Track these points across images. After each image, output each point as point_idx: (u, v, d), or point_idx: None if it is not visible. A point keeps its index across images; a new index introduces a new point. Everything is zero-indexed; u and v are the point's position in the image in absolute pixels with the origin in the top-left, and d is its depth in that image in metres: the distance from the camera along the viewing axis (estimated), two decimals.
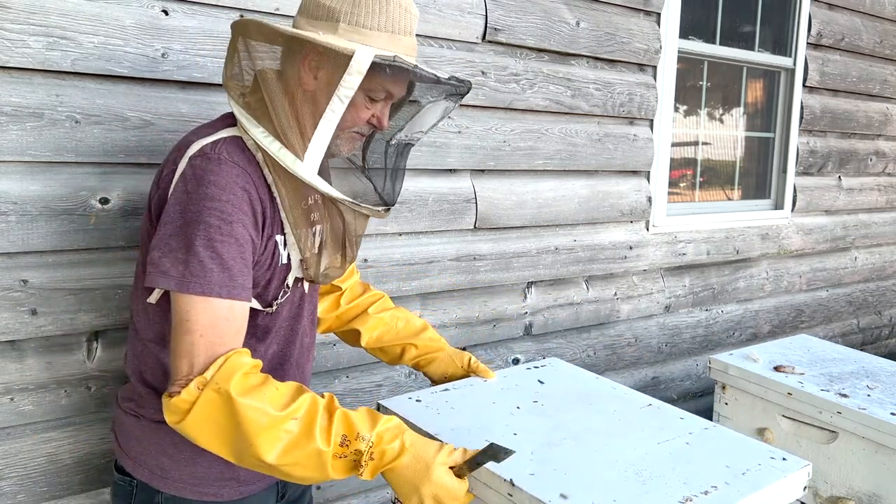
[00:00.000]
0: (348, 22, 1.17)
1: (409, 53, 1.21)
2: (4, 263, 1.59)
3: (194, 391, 1.06)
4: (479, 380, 1.57)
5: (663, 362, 3.13)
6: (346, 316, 1.64)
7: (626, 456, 1.23)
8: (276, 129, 1.17)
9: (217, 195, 1.12)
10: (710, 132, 3.39)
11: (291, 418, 1.08)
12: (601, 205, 2.75)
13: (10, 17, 1.52)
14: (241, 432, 1.06)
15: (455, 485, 1.14)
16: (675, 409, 1.46)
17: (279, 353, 1.35)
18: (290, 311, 1.35)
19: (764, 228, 3.44)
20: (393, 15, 1.18)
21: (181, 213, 1.12)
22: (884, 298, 4.20)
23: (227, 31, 1.80)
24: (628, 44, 2.71)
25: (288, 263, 1.29)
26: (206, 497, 1.29)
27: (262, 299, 1.27)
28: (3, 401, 1.62)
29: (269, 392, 1.09)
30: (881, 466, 1.79)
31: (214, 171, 1.14)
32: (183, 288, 1.09)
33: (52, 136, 1.60)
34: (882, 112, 3.92)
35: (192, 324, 1.09)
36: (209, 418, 1.07)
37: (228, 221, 1.12)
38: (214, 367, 1.07)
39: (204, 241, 1.10)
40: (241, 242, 1.14)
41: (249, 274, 1.17)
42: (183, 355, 1.09)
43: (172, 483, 1.28)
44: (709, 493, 1.12)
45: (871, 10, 3.69)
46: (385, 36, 1.18)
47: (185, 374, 1.08)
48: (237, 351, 1.11)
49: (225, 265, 1.11)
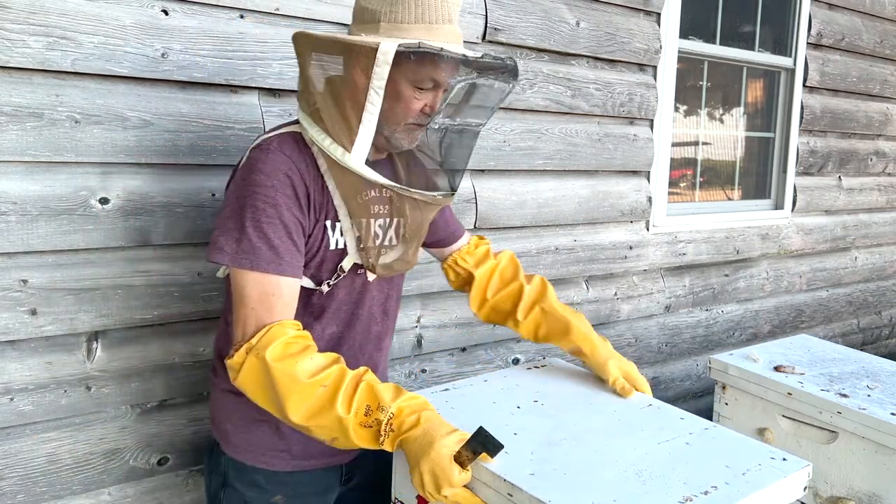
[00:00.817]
0: (388, 20, 1.24)
1: (448, 41, 1.25)
2: (4, 263, 1.59)
3: (243, 355, 1.20)
4: (479, 379, 1.57)
5: (663, 362, 3.13)
6: (500, 308, 1.67)
7: (626, 456, 1.23)
8: (326, 127, 1.28)
9: (263, 181, 1.25)
10: (710, 132, 3.39)
11: (320, 385, 1.17)
12: (601, 205, 2.75)
13: (10, 17, 1.52)
14: (276, 393, 1.18)
15: (448, 467, 1.14)
16: (675, 410, 1.46)
17: (337, 335, 1.42)
18: (350, 295, 1.42)
19: (764, 228, 3.44)
20: (428, 6, 1.24)
21: (235, 198, 1.27)
22: (884, 298, 4.20)
23: (227, 30, 1.81)
24: (628, 44, 2.71)
25: (342, 249, 1.37)
26: (259, 464, 1.41)
27: (315, 279, 1.37)
28: (3, 401, 1.62)
29: (303, 360, 1.19)
30: (881, 466, 1.79)
31: (262, 160, 1.27)
32: (235, 263, 1.24)
33: (52, 136, 1.60)
34: (882, 112, 3.92)
35: (245, 297, 1.23)
36: (253, 379, 1.21)
37: (273, 205, 1.24)
38: (259, 335, 1.20)
39: (252, 222, 1.23)
40: (286, 223, 1.25)
41: (297, 253, 1.27)
42: (238, 324, 1.24)
43: (233, 447, 1.43)
44: (709, 493, 1.12)
45: (871, 10, 3.69)
46: (423, 27, 1.24)
47: (239, 340, 1.23)
48: (281, 322, 1.23)
49: (271, 244, 1.23)
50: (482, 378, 1.57)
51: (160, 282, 1.78)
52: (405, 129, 1.31)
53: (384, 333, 1.52)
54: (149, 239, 1.75)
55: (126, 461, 1.81)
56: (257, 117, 1.87)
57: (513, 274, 1.66)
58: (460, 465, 1.16)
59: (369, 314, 1.46)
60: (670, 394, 3.17)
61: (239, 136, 1.84)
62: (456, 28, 1.28)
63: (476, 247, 1.68)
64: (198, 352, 1.86)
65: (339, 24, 2.00)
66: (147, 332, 1.79)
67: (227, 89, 1.84)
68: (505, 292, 1.65)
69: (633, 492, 1.12)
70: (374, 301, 1.47)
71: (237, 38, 1.82)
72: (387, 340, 1.54)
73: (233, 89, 1.85)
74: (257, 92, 1.88)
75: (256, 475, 1.42)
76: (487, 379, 1.56)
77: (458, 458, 1.16)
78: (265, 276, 1.23)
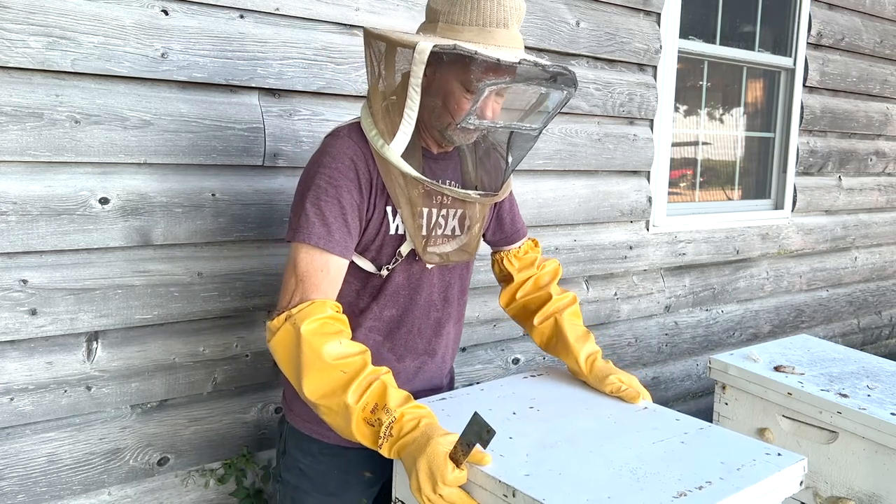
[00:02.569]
0: (445, 20, 1.29)
1: (501, 45, 1.27)
2: (4, 263, 1.59)
3: (282, 321, 1.26)
4: (475, 388, 1.57)
5: (663, 362, 3.13)
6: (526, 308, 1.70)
7: (621, 455, 1.24)
8: (375, 119, 1.35)
9: (328, 163, 1.33)
10: (710, 132, 3.39)
11: (340, 370, 1.21)
12: (601, 205, 2.75)
13: (10, 17, 1.52)
14: (299, 364, 1.23)
15: (443, 463, 1.13)
16: (671, 412, 1.46)
17: (396, 318, 1.46)
18: (409, 280, 1.46)
19: (764, 228, 3.44)
20: (484, 9, 1.26)
21: (305, 179, 1.36)
22: (884, 298, 4.20)
23: (227, 30, 1.81)
24: (628, 44, 2.71)
25: (401, 235, 1.41)
26: (314, 434, 1.46)
27: (376, 263, 1.42)
28: (3, 401, 1.62)
29: (332, 342, 1.23)
30: (881, 466, 1.79)
31: (331, 144, 1.36)
32: (290, 236, 1.32)
33: (52, 136, 1.60)
34: (882, 112, 3.92)
35: (295, 268, 1.30)
36: (285, 345, 1.25)
37: (334, 185, 1.31)
38: (300, 307, 1.25)
39: (313, 200, 1.31)
40: (342, 205, 1.31)
41: (348, 234, 1.33)
42: (285, 292, 1.30)
43: (294, 416, 1.49)
44: (703, 487, 1.13)
45: (871, 10, 3.69)
46: (475, 30, 1.27)
47: (282, 306, 1.29)
48: (324, 301, 1.27)
49: (325, 221, 1.30)
50: (479, 387, 1.57)
51: (160, 282, 1.78)
52: (458, 130, 1.34)
53: (444, 320, 1.54)
54: (149, 239, 1.75)
55: (126, 461, 1.81)
56: (257, 117, 1.87)
57: (547, 282, 1.70)
58: (455, 462, 1.15)
59: (428, 300, 1.50)
60: (670, 394, 3.17)
61: (239, 136, 1.84)
62: (512, 32, 1.29)
63: (525, 253, 1.73)
64: (198, 351, 1.87)
65: (339, 24, 2.00)
66: (147, 332, 1.79)
67: (227, 89, 1.84)
68: (533, 296, 1.69)
69: (627, 489, 1.12)
70: (434, 287, 1.50)
71: (237, 38, 1.82)
72: (449, 327, 1.56)
73: (233, 89, 1.85)
74: (257, 92, 1.89)
75: (311, 444, 1.47)
76: (484, 388, 1.56)
77: (454, 454, 1.15)
78: (316, 251, 1.29)
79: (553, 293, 1.67)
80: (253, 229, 1.89)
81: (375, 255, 1.42)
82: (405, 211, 1.38)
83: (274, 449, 2.03)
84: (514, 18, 1.29)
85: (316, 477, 1.47)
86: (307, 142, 1.95)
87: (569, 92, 1.36)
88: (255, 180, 1.89)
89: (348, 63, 2.01)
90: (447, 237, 1.47)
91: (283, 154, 1.92)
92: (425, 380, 1.55)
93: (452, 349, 1.62)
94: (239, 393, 1.97)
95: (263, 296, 1.93)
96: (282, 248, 1.96)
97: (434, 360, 1.55)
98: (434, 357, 1.55)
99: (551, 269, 1.73)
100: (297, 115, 1.94)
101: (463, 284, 1.59)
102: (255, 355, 1.97)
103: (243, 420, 1.98)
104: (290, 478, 1.50)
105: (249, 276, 1.90)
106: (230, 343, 1.92)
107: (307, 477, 1.47)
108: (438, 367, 1.57)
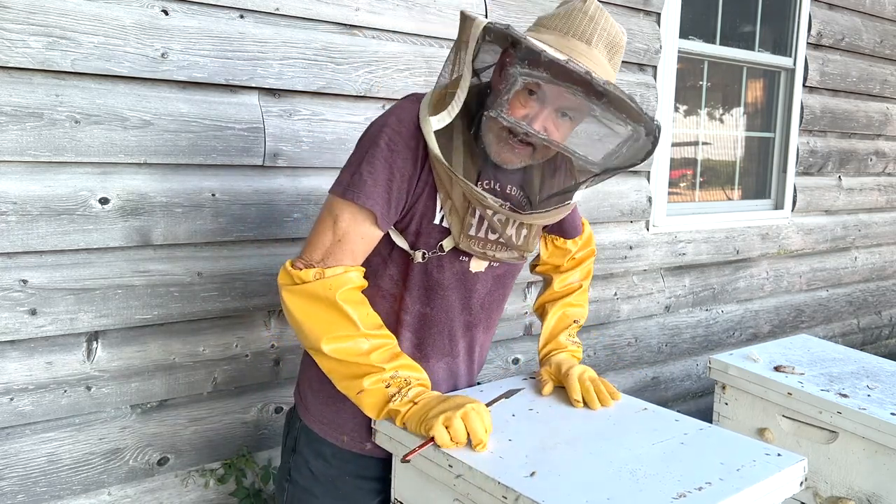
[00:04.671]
0: (537, 24, 1.27)
1: (573, 54, 1.19)
2: (4, 263, 1.59)
3: (311, 276, 1.25)
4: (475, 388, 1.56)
5: (663, 362, 3.13)
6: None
7: (620, 456, 1.23)
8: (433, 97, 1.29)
9: (392, 123, 1.27)
10: (710, 132, 3.39)
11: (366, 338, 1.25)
12: (601, 205, 2.75)
13: (10, 17, 1.52)
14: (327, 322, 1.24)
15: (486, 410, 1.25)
16: (670, 413, 1.46)
17: (422, 314, 1.41)
18: (447, 278, 1.39)
19: (764, 228, 3.44)
20: (574, 20, 1.22)
21: (368, 135, 1.30)
22: (884, 298, 4.20)
23: (227, 30, 1.81)
24: (628, 44, 2.70)
25: (446, 228, 1.34)
26: (328, 437, 1.43)
27: (414, 248, 1.36)
28: (3, 401, 1.62)
29: (364, 310, 1.27)
30: (881, 466, 1.79)
31: (401, 105, 1.31)
32: (338, 190, 1.28)
33: (52, 136, 1.60)
34: (882, 112, 3.92)
35: (335, 224, 1.27)
36: (307, 298, 1.25)
37: (392, 150, 1.26)
38: (334, 271, 1.25)
39: (370, 159, 1.26)
40: (393, 172, 1.26)
41: (388, 202, 1.27)
42: (318, 244, 1.28)
43: (309, 415, 1.45)
44: (703, 488, 1.13)
45: (871, 10, 3.69)
46: (555, 35, 1.22)
47: (314, 259, 1.27)
48: (356, 268, 1.29)
49: (377, 185, 1.25)
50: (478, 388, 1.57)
51: (160, 282, 1.78)
52: (499, 136, 1.25)
53: (473, 324, 1.48)
54: (149, 239, 1.75)
55: (126, 461, 1.81)
56: (257, 117, 1.87)
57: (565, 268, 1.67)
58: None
59: (463, 303, 1.43)
60: (670, 394, 3.18)
61: (239, 136, 1.84)
62: (594, 52, 1.21)
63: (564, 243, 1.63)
64: (197, 351, 1.87)
65: (339, 24, 2.00)
66: (147, 332, 1.79)
67: (227, 89, 1.84)
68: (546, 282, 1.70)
69: (627, 490, 1.12)
70: (477, 294, 1.44)
71: (237, 38, 1.82)
72: (478, 332, 1.50)
73: (233, 89, 1.85)
74: (257, 92, 1.88)
75: (324, 447, 1.43)
76: (484, 389, 1.56)
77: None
78: (360, 215, 1.26)
79: (556, 282, 1.64)
80: (253, 229, 1.89)
81: (414, 240, 1.35)
82: (447, 204, 1.30)
83: (274, 448, 2.03)
84: (601, 40, 1.22)
85: (326, 481, 1.44)
86: (307, 142, 1.95)
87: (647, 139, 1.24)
88: (254, 180, 1.89)
89: (348, 63, 2.01)
90: (500, 244, 1.38)
91: (283, 154, 1.92)
92: (451, 385, 1.50)
93: (479, 360, 1.57)
94: (239, 393, 1.97)
95: (263, 296, 1.93)
96: (282, 248, 1.96)
97: (461, 366, 1.50)
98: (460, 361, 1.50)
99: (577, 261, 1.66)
100: (297, 115, 1.94)
101: (504, 294, 1.52)
102: (255, 355, 1.97)
103: (243, 420, 1.98)
104: (300, 478, 1.46)
105: (249, 276, 1.90)
106: (230, 343, 1.92)
107: (318, 480, 1.44)
108: (465, 375, 1.53)
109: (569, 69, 1.15)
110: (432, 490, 1.27)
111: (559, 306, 1.64)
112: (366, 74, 2.05)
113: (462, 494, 1.19)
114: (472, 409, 1.22)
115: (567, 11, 1.23)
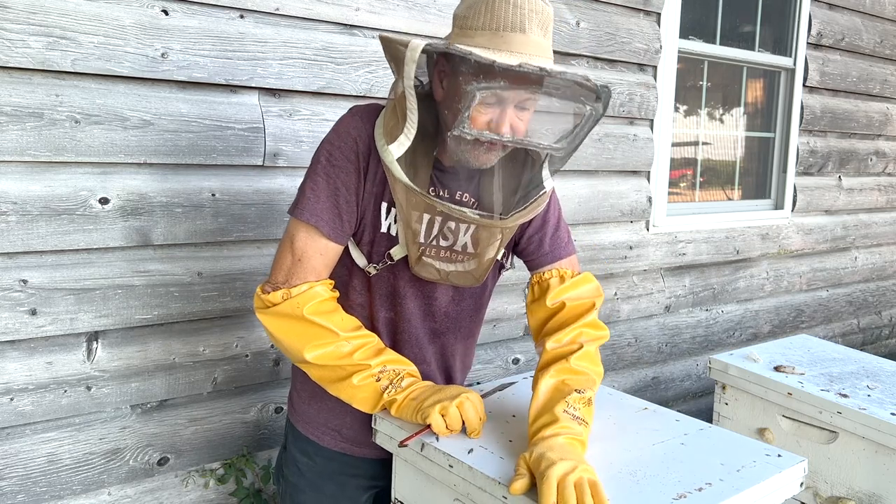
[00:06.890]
0: (460, 26, 1.21)
1: (515, 49, 1.15)
2: (4, 263, 1.59)
3: (279, 297, 1.28)
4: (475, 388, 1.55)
5: (663, 362, 3.13)
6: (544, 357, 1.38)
7: (621, 457, 1.23)
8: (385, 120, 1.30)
9: (332, 139, 1.31)
10: (710, 132, 3.39)
11: (348, 341, 1.28)
12: (601, 205, 2.75)
13: (10, 17, 1.52)
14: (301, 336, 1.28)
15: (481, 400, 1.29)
16: (670, 412, 1.45)
17: (389, 320, 1.42)
18: (402, 286, 1.39)
19: (764, 228, 3.44)
20: (498, 13, 1.16)
21: (314, 154, 1.33)
22: (884, 298, 4.20)
23: (227, 30, 1.81)
24: (628, 44, 2.71)
25: (393, 237, 1.35)
26: (311, 436, 1.46)
27: (368, 258, 1.38)
28: (3, 401, 1.62)
29: (338, 317, 1.30)
30: (881, 466, 1.79)
31: (341, 121, 1.33)
32: (291, 209, 1.32)
33: (52, 136, 1.60)
34: (882, 112, 3.92)
35: (294, 247, 1.30)
36: (282, 318, 1.29)
37: (334, 165, 1.29)
38: (300, 289, 1.28)
39: (313, 176, 1.30)
40: (338, 186, 1.29)
41: (339, 216, 1.30)
42: (280, 266, 1.31)
43: (296, 415, 1.50)
44: (703, 489, 1.12)
45: (871, 10, 3.69)
46: (487, 34, 1.17)
47: (278, 281, 1.30)
48: (321, 282, 1.31)
49: (320, 201, 1.29)
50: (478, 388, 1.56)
51: (160, 282, 1.78)
52: (470, 144, 1.22)
53: (440, 332, 1.44)
54: (149, 239, 1.75)
55: (126, 461, 1.81)
56: (257, 117, 1.87)
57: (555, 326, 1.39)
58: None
59: (426, 310, 1.41)
60: (670, 394, 3.18)
61: (239, 136, 1.84)
62: (531, 38, 1.16)
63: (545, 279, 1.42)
64: (197, 351, 1.87)
65: (339, 24, 2.00)
66: (147, 332, 1.79)
67: (227, 89, 1.84)
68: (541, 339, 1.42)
69: (627, 491, 1.12)
70: (435, 300, 1.41)
71: (237, 38, 1.82)
72: (448, 339, 1.46)
73: (233, 89, 1.85)
74: (257, 92, 1.88)
75: (308, 445, 1.47)
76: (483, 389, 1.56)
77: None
78: (314, 232, 1.29)
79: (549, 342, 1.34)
80: (253, 229, 1.89)
81: (368, 251, 1.36)
82: (401, 214, 1.29)
83: (273, 448, 2.04)
84: (533, 23, 1.16)
85: (312, 477, 1.48)
86: (307, 142, 1.95)
87: (592, 108, 1.21)
88: (254, 180, 1.89)
89: (348, 63, 2.01)
90: (455, 252, 1.35)
91: (283, 154, 1.92)
92: None
93: (460, 367, 1.53)
94: (239, 393, 1.97)
95: None
96: None
97: (435, 372, 1.48)
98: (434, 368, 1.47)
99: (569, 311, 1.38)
100: (297, 115, 1.94)
101: (477, 302, 1.48)
102: (255, 355, 1.97)
103: (243, 420, 1.98)
104: (290, 475, 1.52)
105: (249, 276, 1.90)
106: (230, 343, 1.92)
107: (304, 476, 1.49)
108: (443, 382, 1.50)
109: (525, 72, 1.13)
110: (432, 490, 1.27)
111: (554, 372, 1.29)
112: (366, 74, 2.05)
113: (462, 494, 1.19)
114: (467, 398, 1.24)
115: (487, 5, 1.17)
